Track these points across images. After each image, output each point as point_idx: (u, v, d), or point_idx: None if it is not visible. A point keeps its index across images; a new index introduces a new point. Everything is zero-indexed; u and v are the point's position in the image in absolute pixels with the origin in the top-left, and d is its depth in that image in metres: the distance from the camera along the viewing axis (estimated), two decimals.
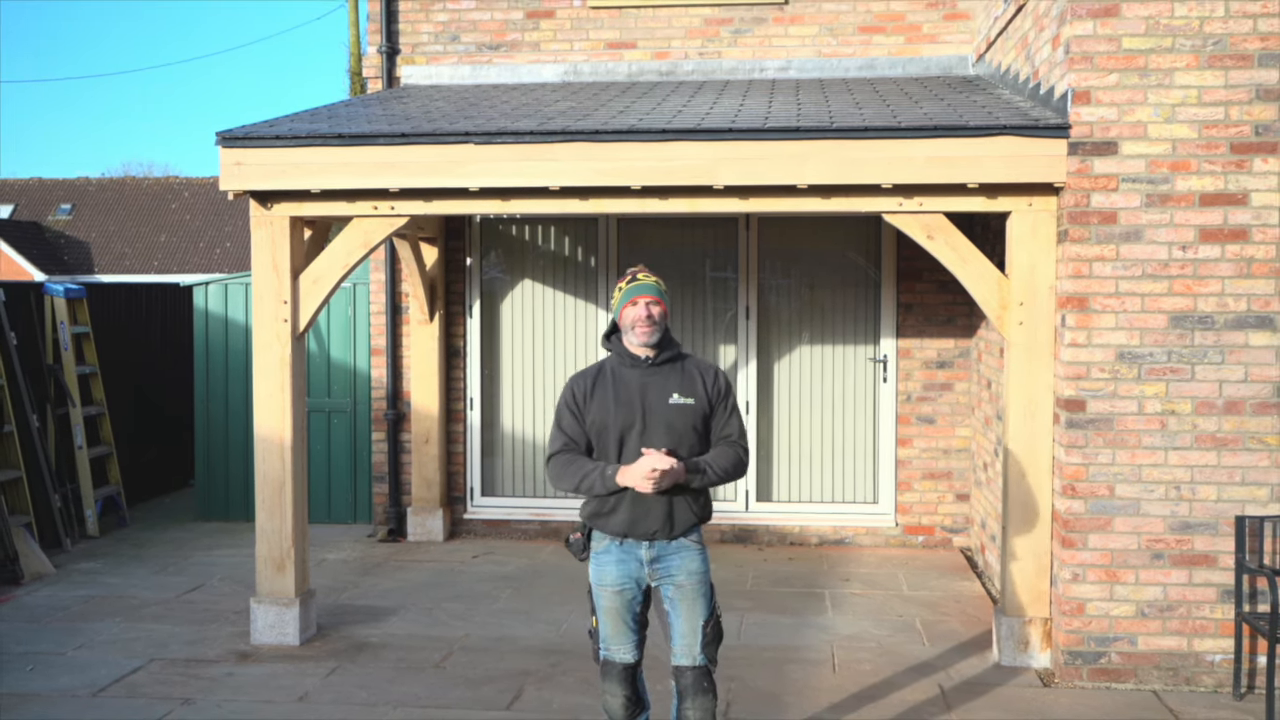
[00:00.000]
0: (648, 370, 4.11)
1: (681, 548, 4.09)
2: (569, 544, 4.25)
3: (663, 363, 4.13)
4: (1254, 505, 5.54)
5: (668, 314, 4.14)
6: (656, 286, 4.12)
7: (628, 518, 4.04)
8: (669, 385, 4.08)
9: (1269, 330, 5.52)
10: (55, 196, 41.89)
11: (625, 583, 4.10)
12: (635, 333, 4.08)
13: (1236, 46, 5.49)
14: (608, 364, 4.20)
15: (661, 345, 4.13)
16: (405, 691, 5.65)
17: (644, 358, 4.12)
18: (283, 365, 6.37)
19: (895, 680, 5.78)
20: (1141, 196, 5.58)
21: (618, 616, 4.13)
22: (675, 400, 4.06)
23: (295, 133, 6.24)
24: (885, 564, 8.13)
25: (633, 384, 4.09)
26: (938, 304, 8.57)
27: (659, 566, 4.08)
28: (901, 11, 8.48)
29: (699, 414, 4.09)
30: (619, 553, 4.09)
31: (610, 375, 4.14)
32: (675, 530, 4.06)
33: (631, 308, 4.08)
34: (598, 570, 4.14)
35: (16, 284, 9.15)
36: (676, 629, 4.10)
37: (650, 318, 4.06)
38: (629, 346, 4.14)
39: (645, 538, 4.05)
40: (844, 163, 5.88)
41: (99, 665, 6.05)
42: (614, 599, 4.11)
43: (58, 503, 8.77)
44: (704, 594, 4.11)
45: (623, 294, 4.13)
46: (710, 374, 4.17)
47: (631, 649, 4.16)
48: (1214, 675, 5.60)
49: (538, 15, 8.78)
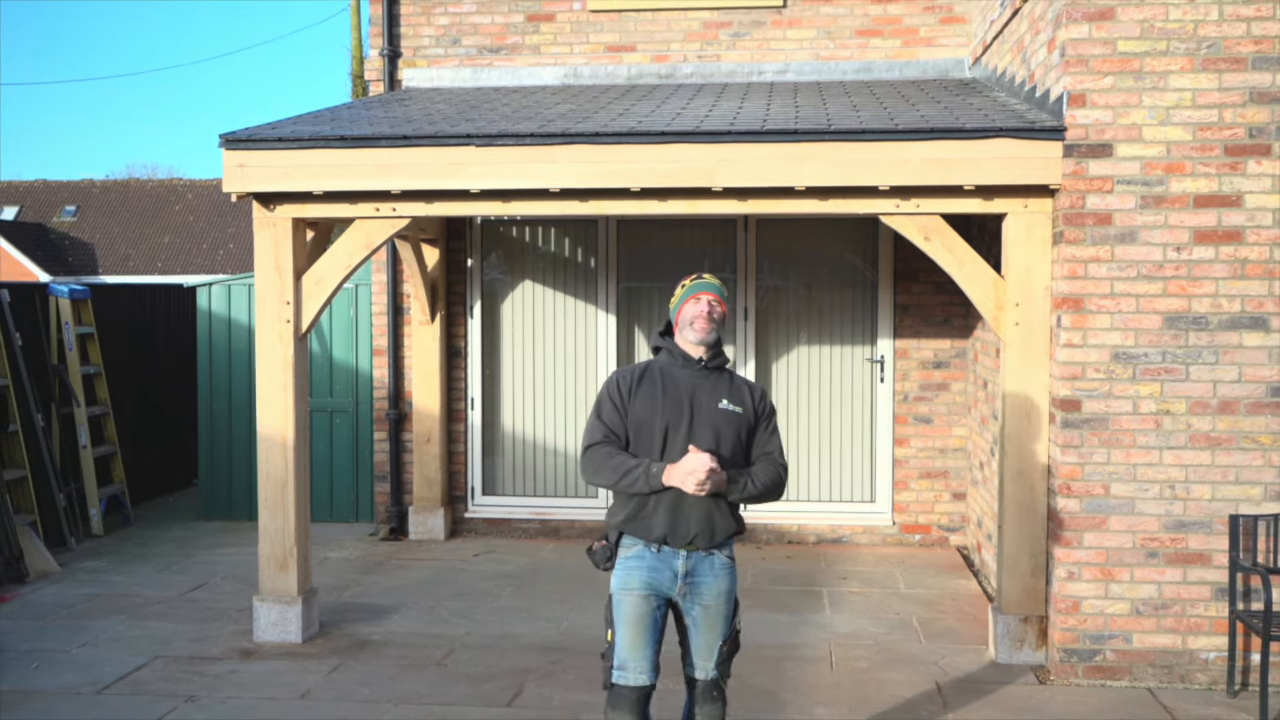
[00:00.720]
0: (699, 372, 4.00)
1: (715, 566, 3.93)
2: (591, 553, 4.05)
3: (714, 367, 4.03)
4: (1248, 504, 5.54)
5: (726, 315, 4.05)
6: (720, 286, 4.05)
7: (668, 520, 3.86)
8: (719, 390, 3.98)
9: (1262, 331, 5.52)
10: (60, 198, 41.90)
11: (654, 590, 3.89)
12: (694, 328, 3.96)
13: (1230, 50, 5.49)
14: (655, 363, 4.07)
15: (716, 348, 4.04)
16: (407, 689, 5.65)
17: (697, 358, 4.00)
18: (285, 365, 6.37)
19: (892, 677, 5.78)
20: (1136, 198, 5.58)
21: (640, 626, 3.87)
22: (725, 406, 3.95)
23: (298, 135, 6.24)
24: (882, 562, 8.13)
25: (683, 383, 3.97)
26: (934, 305, 8.58)
27: (691, 582, 3.91)
28: (898, 15, 8.48)
29: (744, 425, 3.98)
30: (654, 559, 3.90)
31: (659, 373, 4.01)
32: (715, 538, 3.90)
33: (694, 303, 3.98)
34: (625, 575, 3.92)
35: (21, 285, 9.15)
36: (694, 644, 3.97)
37: (710, 315, 3.97)
38: (683, 344, 4.02)
39: (685, 543, 3.87)
40: (841, 165, 5.88)
41: (103, 663, 6.05)
42: (639, 605, 3.88)
43: (62, 502, 8.76)
44: (727, 615, 3.97)
45: (685, 290, 4.03)
46: (757, 391, 4.08)
47: (649, 670, 3.87)
48: (1208, 672, 5.60)
49: (538, 19, 8.78)
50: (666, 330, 4.14)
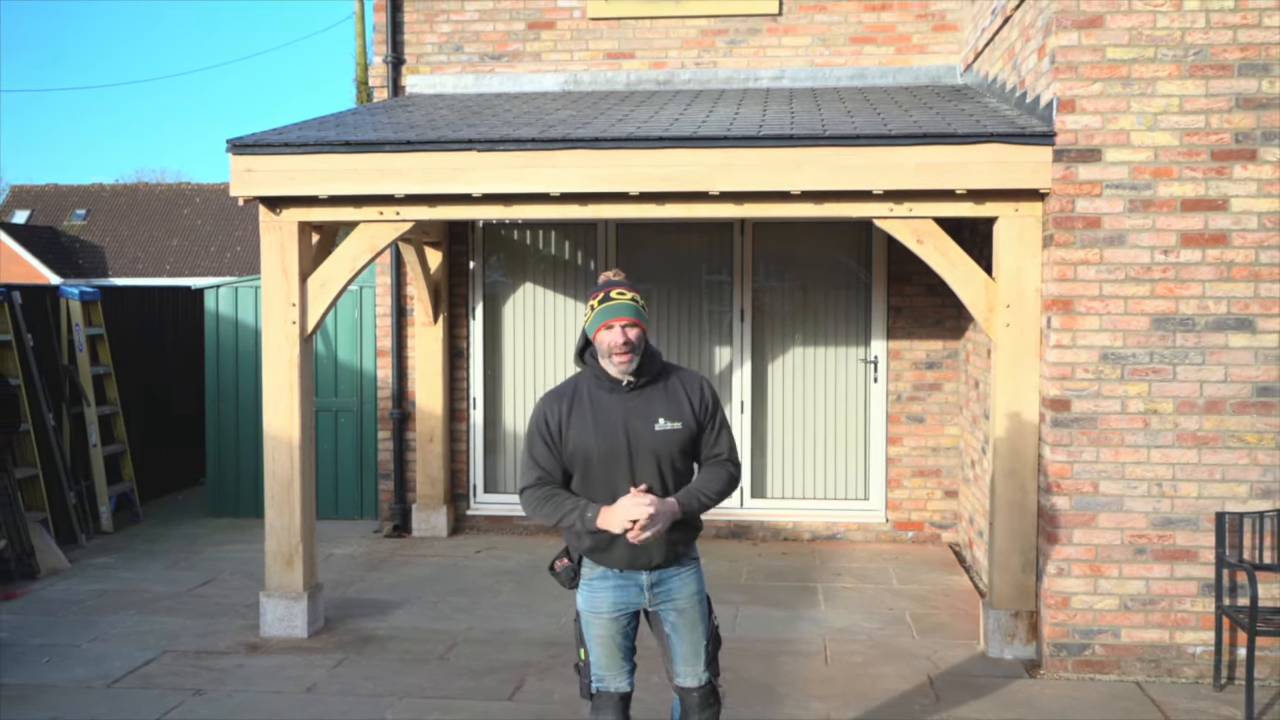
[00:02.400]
0: (629, 394, 3.66)
1: (683, 571, 3.77)
2: (554, 573, 3.83)
3: (645, 385, 3.69)
4: (1234, 502, 5.54)
5: (646, 332, 3.66)
6: (633, 306, 3.61)
7: (628, 554, 3.65)
8: (654, 410, 3.65)
9: (1248, 332, 5.52)
10: (71, 202, 41.84)
11: (621, 609, 3.74)
12: (612, 361, 3.61)
13: (1217, 56, 5.49)
14: (583, 384, 3.72)
15: (641, 369, 3.66)
16: (410, 682, 5.65)
17: (624, 382, 3.67)
18: (291, 366, 6.37)
19: (885, 671, 5.78)
20: (1125, 202, 5.58)
21: (612, 644, 3.76)
22: (661, 426, 3.63)
23: (304, 140, 6.23)
24: (876, 559, 8.13)
25: (613, 410, 3.64)
26: (927, 306, 8.57)
27: (660, 590, 3.74)
28: (892, 23, 8.48)
29: (686, 437, 3.68)
30: (618, 579, 3.72)
31: (588, 398, 3.67)
32: (678, 555, 3.73)
33: (606, 331, 3.60)
34: (591, 597, 3.75)
35: (33, 287, 9.14)
36: (679, 652, 3.80)
37: (628, 343, 3.58)
38: (607, 369, 3.67)
39: (646, 568, 3.71)
40: (836, 169, 5.88)
41: (113, 657, 6.04)
42: (609, 627, 3.74)
43: (73, 499, 8.76)
44: (703, 613, 3.81)
45: (595, 314, 3.63)
46: (696, 390, 3.73)
47: (627, 677, 3.80)
48: (1195, 667, 5.60)
49: (539, 26, 8.78)
50: (587, 344, 3.76)
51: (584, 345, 3.78)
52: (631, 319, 3.60)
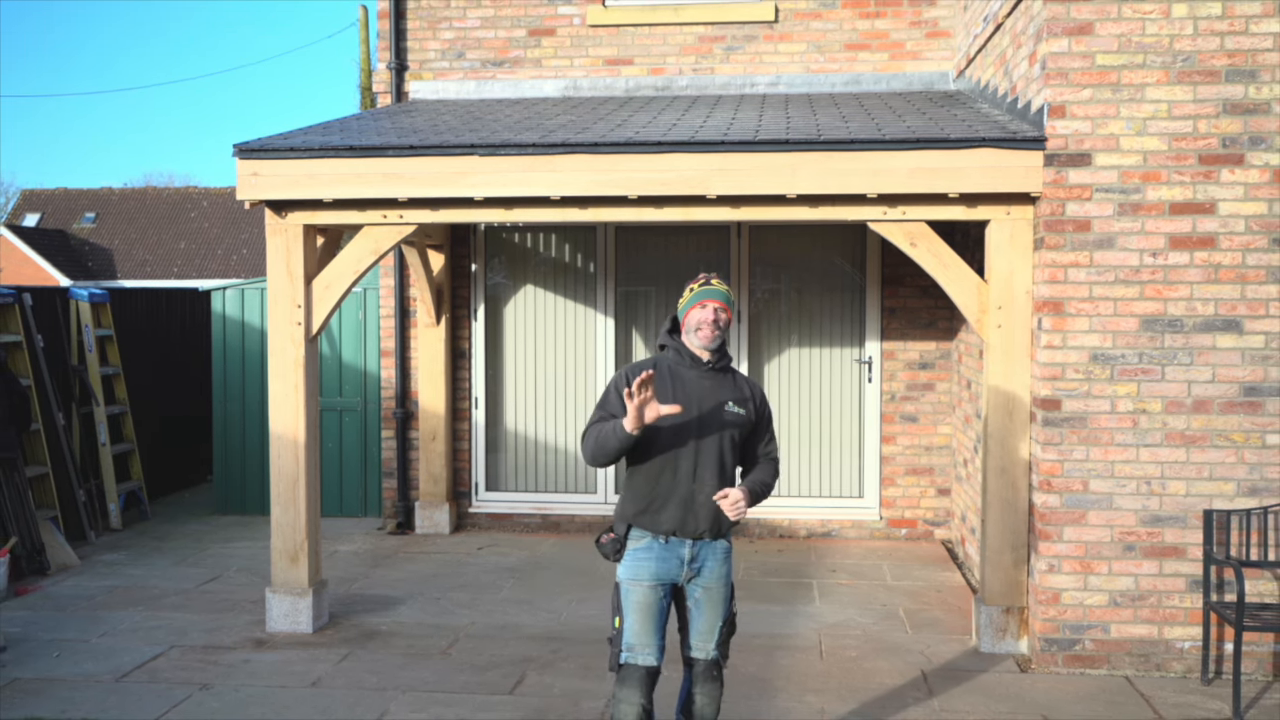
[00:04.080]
0: (706, 372, 4.03)
1: (716, 551, 4.01)
2: (600, 545, 4.07)
3: (720, 369, 4.06)
4: (1221, 499, 5.54)
5: (731, 322, 4.07)
6: (727, 294, 4.03)
7: (679, 515, 3.93)
8: (725, 392, 4.02)
9: (1235, 333, 5.52)
10: (80, 206, 41.84)
11: (662, 580, 3.96)
12: (699, 334, 3.99)
13: (1205, 63, 5.49)
14: (663, 360, 4.07)
15: (720, 351, 4.07)
16: (413, 676, 5.64)
17: (704, 360, 4.03)
18: (296, 366, 6.36)
19: (879, 665, 5.78)
20: (1114, 205, 5.58)
21: (648, 614, 3.94)
22: (730, 409, 3.99)
23: (309, 145, 6.23)
24: (870, 555, 8.13)
25: (691, 383, 3.99)
26: (920, 308, 8.58)
27: (695, 566, 3.98)
28: (885, 30, 8.48)
29: (745, 426, 4.03)
30: (661, 550, 3.96)
31: (668, 371, 4.02)
32: (722, 530, 3.99)
33: (700, 310, 3.99)
34: (634, 566, 3.97)
35: (43, 289, 9.13)
36: (695, 626, 4.04)
37: (716, 323, 3.98)
38: (690, 345, 4.04)
39: (692, 536, 3.95)
40: (831, 173, 5.88)
41: (122, 652, 6.04)
42: (648, 594, 3.95)
43: (82, 497, 8.76)
44: (726, 597, 4.05)
45: (693, 295, 4.03)
46: (758, 393, 4.13)
47: (656, 651, 3.95)
48: (1183, 661, 5.60)
49: (539, 33, 8.78)
50: (674, 328, 4.14)
51: (670, 327, 4.14)
52: (723, 303, 4.01)
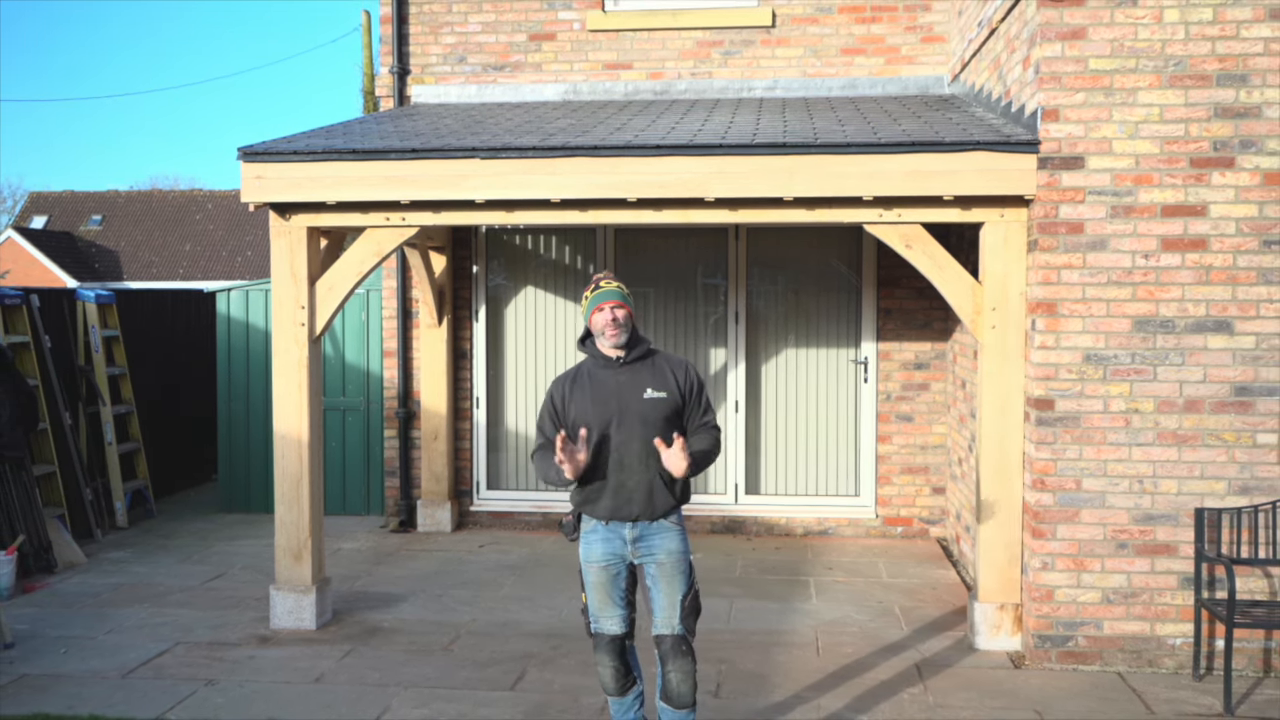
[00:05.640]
0: (620, 369, 4.18)
1: (661, 528, 4.15)
2: (561, 526, 4.33)
3: (634, 360, 4.19)
4: (1212, 498, 5.54)
5: (632, 315, 4.21)
6: (619, 291, 4.18)
7: (611, 504, 4.12)
8: (642, 381, 4.15)
9: (1226, 334, 5.52)
10: (87, 208, 41.83)
11: (610, 559, 4.16)
12: (605, 337, 4.15)
13: (1196, 67, 5.49)
14: (584, 366, 4.26)
15: (630, 345, 4.19)
16: (415, 673, 5.64)
17: (615, 358, 4.19)
18: (300, 367, 6.36)
19: (875, 661, 5.77)
20: (1107, 208, 5.58)
21: (604, 590, 4.18)
22: (649, 395, 4.12)
23: (312, 148, 6.23)
24: (866, 553, 8.13)
25: (608, 383, 4.16)
26: (915, 309, 8.57)
27: (641, 545, 4.14)
28: (881, 35, 8.48)
29: (671, 407, 4.15)
30: (605, 532, 4.16)
31: (587, 376, 4.21)
32: (656, 513, 4.12)
33: (598, 314, 4.16)
34: (586, 548, 4.21)
35: (50, 290, 9.12)
36: (657, 603, 4.15)
37: (616, 321, 4.13)
38: (601, 349, 4.20)
39: (629, 519, 4.12)
40: (827, 176, 5.87)
41: (128, 648, 6.03)
42: (600, 574, 4.17)
43: (89, 496, 8.75)
44: (683, 571, 4.15)
45: (589, 301, 4.20)
46: (681, 369, 4.23)
47: (619, 622, 4.19)
48: (1175, 658, 5.60)
49: (540, 38, 8.77)
50: (588, 334, 4.28)
51: (585, 334, 4.29)
52: (618, 301, 4.16)
